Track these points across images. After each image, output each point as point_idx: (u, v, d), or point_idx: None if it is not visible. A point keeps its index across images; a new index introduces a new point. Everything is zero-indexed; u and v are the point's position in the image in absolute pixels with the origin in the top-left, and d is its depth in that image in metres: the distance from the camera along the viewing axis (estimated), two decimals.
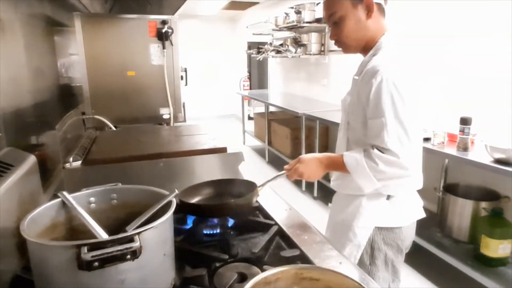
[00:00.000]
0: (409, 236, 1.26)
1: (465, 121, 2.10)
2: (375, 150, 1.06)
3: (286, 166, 1.23)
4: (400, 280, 1.29)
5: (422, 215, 1.28)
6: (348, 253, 1.22)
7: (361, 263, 1.23)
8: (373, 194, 1.17)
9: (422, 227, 1.46)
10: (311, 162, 1.20)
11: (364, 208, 1.20)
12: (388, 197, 1.18)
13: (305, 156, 1.23)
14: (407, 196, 1.23)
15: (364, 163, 1.08)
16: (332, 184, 1.36)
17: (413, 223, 1.27)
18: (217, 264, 0.83)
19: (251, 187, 1.09)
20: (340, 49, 1.24)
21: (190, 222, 1.03)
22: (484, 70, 2.40)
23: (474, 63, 2.47)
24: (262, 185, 1.10)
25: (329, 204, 1.47)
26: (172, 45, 2.46)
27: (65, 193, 0.76)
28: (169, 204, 0.75)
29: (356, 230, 1.21)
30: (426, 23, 2.83)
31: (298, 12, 4.21)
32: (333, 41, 1.24)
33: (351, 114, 1.20)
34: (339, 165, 1.16)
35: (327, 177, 3.84)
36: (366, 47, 1.18)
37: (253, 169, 4.87)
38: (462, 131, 2.11)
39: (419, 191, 1.26)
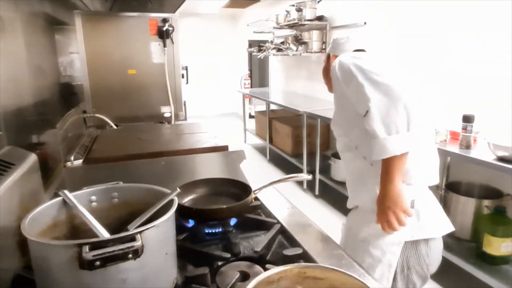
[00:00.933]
0: (437, 250, 1.22)
1: (467, 119, 2.09)
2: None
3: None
4: None
5: (451, 229, 1.25)
6: (379, 275, 1.16)
7: (394, 283, 1.18)
8: None
9: None
10: (384, 201, 1.11)
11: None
12: (412, 204, 1.14)
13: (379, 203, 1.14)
14: (431, 207, 1.22)
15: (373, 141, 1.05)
16: (353, 203, 1.31)
17: (439, 238, 1.23)
18: (220, 263, 0.83)
19: (246, 190, 1.06)
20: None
21: (192, 221, 1.02)
22: (485, 69, 2.39)
23: (476, 62, 2.45)
24: (259, 189, 1.09)
25: (342, 224, 1.41)
26: (173, 43, 2.45)
27: (66, 191, 0.76)
28: (170, 202, 0.74)
29: (384, 247, 1.16)
30: (429, 23, 2.82)
31: (299, 10, 4.20)
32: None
33: (335, 113, 1.29)
34: (387, 168, 1.08)
35: (329, 176, 3.81)
36: None
37: (254, 167, 4.88)
38: (464, 128, 2.10)
39: None
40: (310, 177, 1.17)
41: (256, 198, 1.12)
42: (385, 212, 1.09)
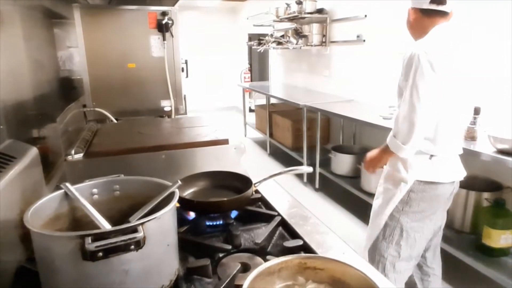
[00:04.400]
0: (444, 193, 1.55)
1: (475, 111, 2.08)
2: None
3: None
4: (425, 234, 1.62)
5: (460, 177, 1.57)
6: (389, 198, 1.57)
7: (396, 209, 1.57)
8: (418, 153, 1.47)
9: None
10: (373, 154, 1.65)
11: (409, 162, 1.51)
12: (431, 156, 1.49)
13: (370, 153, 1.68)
14: (448, 158, 1.52)
15: (391, 133, 1.51)
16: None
17: (450, 183, 1.54)
18: (221, 255, 0.84)
19: (247, 182, 1.07)
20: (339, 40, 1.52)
21: (193, 213, 1.02)
22: (487, 63, 2.38)
23: (479, 57, 2.44)
24: (259, 182, 1.09)
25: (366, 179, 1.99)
26: (172, 36, 2.44)
27: (68, 184, 0.76)
28: (171, 195, 0.74)
29: (400, 180, 1.53)
30: None
31: (299, 3, 4.17)
32: (334, 32, 1.49)
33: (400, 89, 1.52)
34: (385, 149, 1.56)
35: (329, 170, 3.80)
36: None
37: (254, 161, 4.89)
38: (470, 120, 2.10)
39: None
40: (310, 169, 1.17)
41: (257, 191, 1.12)
42: (373, 160, 1.64)
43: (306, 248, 0.86)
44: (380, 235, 1.64)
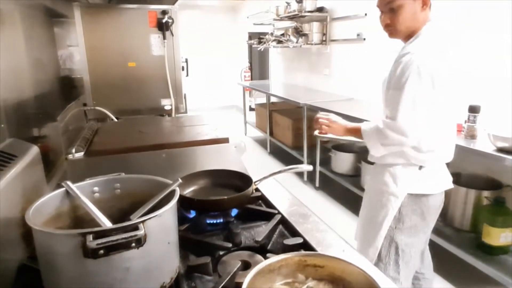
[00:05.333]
0: (434, 205, 1.44)
1: (473, 109, 2.09)
2: (387, 119, 1.29)
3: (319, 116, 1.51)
4: (419, 247, 1.51)
5: (450, 186, 1.47)
6: (382, 217, 1.43)
7: (389, 229, 1.44)
8: (407, 164, 1.38)
9: None
10: (338, 122, 1.49)
11: (398, 176, 1.40)
12: (420, 167, 1.38)
13: (336, 117, 1.52)
14: (437, 168, 1.42)
15: (375, 129, 1.32)
16: (370, 157, 1.52)
17: (440, 194, 1.45)
18: (221, 253, 0.84)
19: (247, 181, 1.07)
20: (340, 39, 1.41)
21: (193, 211, 1.03)
22: (487, 61, 2.38)
23: (478, 56, 2.44)
24: (259, 180, 1.09)
25: (366, 178, 1.75)
26: (172, 35, 2.44)
27: (69, 182, 0.76)
28: (172, 193, 0.75)
29: (391, 196, 1.41)
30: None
31: (299, 1, 4.16)
32: (335, 31, 1.37)
33: (387, 92, 1.37)
34: (357, 131, 1.41)
35: (329, 168, 3.81)
36: (410, 35, 1.34)
37: (255, 160, 4.89)
38: (470, 119, 2.10)
39: None
40: (310, 167, 1.18)
41: (257, 189, 1.13)
42: (328, 123, 1.49)
43: (306, 246, 0.86)
44: (375, 257, 1.49)
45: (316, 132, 1.54)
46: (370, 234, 1.49)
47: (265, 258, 0.79)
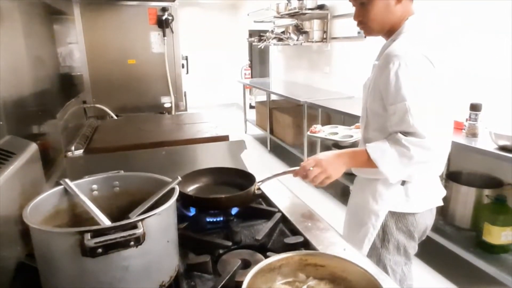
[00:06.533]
0: (423, 223, 1.26)
1: (475, 107, 2.08)
2: (402, 136, 1.04)
3: (298, 169, 1.13)
4: (412, 263, 1.33)
5: (438, 203, 1.27)
6: (363, 235, 1.26)
7: (373, 246, 1.26)
8: (385, 180, 1.14)
9: None
10: (329, 161, 1.11)
11: (378, 192, 1.22)
12: (403, 182, 1.18)
13: (320, 155, 1.12)
14: (424, 182, 1.22)
15: (393, 150, 1.05)
16: (353, 169, 1.33)
17: (428, 211, 1.26)
18: (221, 251, 0.83)
19: (250, 180, 1.06)
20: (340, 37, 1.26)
21: (193, 209, 1.02)
22: (488, 59, 2.37)
23: (479, 55, 2.43)
24: (262, 181, 1.07)
25: (351, 187, 1.49)
26: (172, 32, 2.43)
27: (67, 180, 0.76)
28: (172, 191, 0.74)
29: (371, 213, 1.24)
30: (432, 13, 2.78)
31: None
32: (335, 28, 1.26)
33: (372, 100, 1.17)
34: (362, 159, 1.11)
35: None
36: (390, 31, 1.17)
37: (255, 157, 4.87)
38: (471, 117, 2.10)
39: None
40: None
41: (258, 189, 1.12)
42: (319, 171, 1.10)
43: (306, 245, 0.86)
44: None
45: (308, 132, 1.46)
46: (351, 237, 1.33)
47: (266, 257, 0.78)
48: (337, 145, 3.58)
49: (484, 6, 2.39)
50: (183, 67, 2.62)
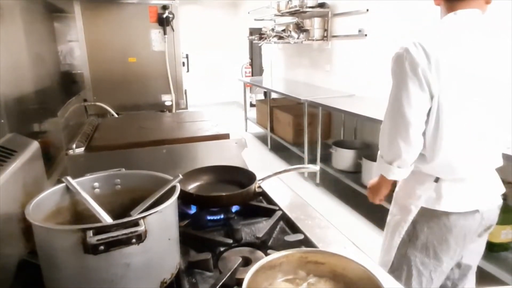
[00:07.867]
0: (459, 226, 1.20)
1: None
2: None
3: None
4: (444, 272, 1.29)
5: (488, 205, 1.25)
6: (394, 228, 1.32)
7: (403, 241, 1.29)
8: (423, 175, 1.23)
9: None
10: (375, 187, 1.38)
11: (411, 187, 1.26)
12: (436, 179, 1.21)
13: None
14: (460, 182, 1.19)
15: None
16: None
17: (470, 214, 1.20)
18: (222, 249, 0.84)
19: (251, 178, 1.06)
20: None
21: (194, 207, 1.03)
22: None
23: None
24: (263, 179, 1.08)
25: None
26: (173, 30, 2.43)
27: (69, 178, 0.76)
28: (173, 189, 0.74)
29: (402, 207, 1.29)
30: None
31: None
32: (336, 26, 1.31)
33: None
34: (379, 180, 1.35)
35: (330, 165, 3.79)
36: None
37: (255, 156, 4.87)
38: None
39: None
40: (317, 168, 1.17)
41: (259, 187, 1.12)
42: (373, 192, 1.40)
43: (307, 242, 0.86)
44: (388, 266, 1.35)
45: None
46: (386, 240, 1.38)
47: (266, 254, 0.79)
48: (339, 144, 3.58)
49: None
50: (183, 65, 2.62)
